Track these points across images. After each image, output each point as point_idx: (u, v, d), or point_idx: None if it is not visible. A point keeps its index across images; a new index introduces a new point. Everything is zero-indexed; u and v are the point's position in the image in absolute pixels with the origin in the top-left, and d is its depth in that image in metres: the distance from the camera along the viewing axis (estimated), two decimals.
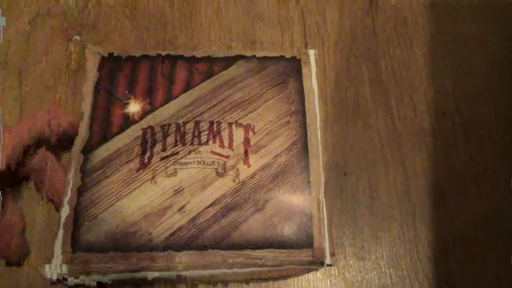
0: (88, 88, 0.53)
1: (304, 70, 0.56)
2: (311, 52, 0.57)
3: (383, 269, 0.52)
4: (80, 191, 0.48)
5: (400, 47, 0.63)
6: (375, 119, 0.59)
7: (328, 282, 0.51)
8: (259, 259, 0.46)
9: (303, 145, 0.52)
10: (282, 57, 0.56)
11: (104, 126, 0.51)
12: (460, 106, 0.60)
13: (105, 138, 0.50)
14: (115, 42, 0.62)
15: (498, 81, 0.62)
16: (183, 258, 0.46)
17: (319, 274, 0.52)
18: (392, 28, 0.64)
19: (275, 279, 0.51)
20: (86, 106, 0.52)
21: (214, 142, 0.51)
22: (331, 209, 0.53)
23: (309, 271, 0.50)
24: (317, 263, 0.48)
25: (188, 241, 0.47)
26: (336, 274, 0.52)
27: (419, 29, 0.65)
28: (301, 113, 0.54)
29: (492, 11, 0.67)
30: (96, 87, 0.53)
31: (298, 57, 0.57)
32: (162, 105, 0.52)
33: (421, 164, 0.57)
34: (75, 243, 0.46)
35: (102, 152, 0.50)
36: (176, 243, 0.47)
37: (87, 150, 0.50)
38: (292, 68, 0.56)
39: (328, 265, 0.48)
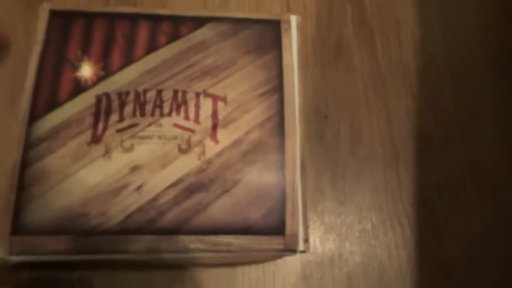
0: (34, 48, 0.37)
1: (284, 39, 0.40)
2: (293, 18, 0.40)
3: (364, 213, 0.41)
4: (23, 165, 0.35)
5: None
6: (358, 60, 0.46)
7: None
8: (224, 245, 0.35)
9: (278, 122, 0.38)
10: (259, 20, 0.41)
11: (52, 92, 0.36)
12: (449, 48, 0.47)
13: (53, 105, 0.36)
14: None
15: (488, 22, 0.49)
16: (140, 243, 0.34)
17: None
18: None
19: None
20: (31, 69, 0.37)
21: (178, 114, 0.37)
22: (310, 153, 0.42)
23: (279, 257, 0.38)
24: (289, 251, 0.36)
25: (146, 224, 0.35)
26: (315, 219, 0.41)
27: None
28: (279, 87, 0.39)
29: None
30: (44, 47, 0.38)
31: (277, 18, 0.41)
32: (120, 69, 0.37)
33: (405, 108, 0.44)
34: (16, 226, 0.34)
35: (48, 122, 0.36)
36: (132, 227, 0.35)
37: (31, 118, 0.36)
38: (271, 33, 0.41)
39: (301, 251, 0.36)
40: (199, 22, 0.39)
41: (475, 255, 0.41)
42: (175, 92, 0.37)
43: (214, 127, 0.36)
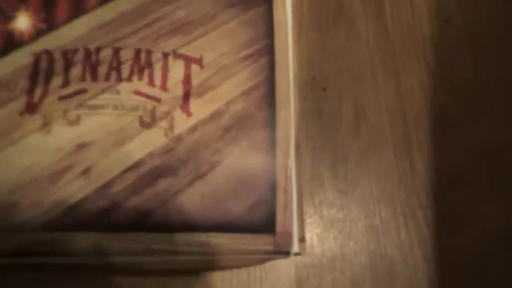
0: None
1: None
2: None
3: (371, 205, 0.35)
4: None
5: None
6: (363, 23, 0.39)
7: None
8: (197, 246, 0.28)
9: (268, 91, 0.30)
10: None
11: None
12: (467, 13, 0.41)
13: None
14: None
15: None
16: (85, 242, 0.27)
17: None
18: None
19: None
20: None
21: (140, 78, 0.29)
22: (306, 134, 0.36)
23: (268, 260, 0.31)
24: (280, 253, 0.28)
25: (93, 218, 0.27)
26: (312, 212, 0.35)
27: None
28: (269, 48, 0.31)
29: None
30: None
31: None
32: (66, 22, 0.29)
33: (418, 80, 0.38)
34: None
35: None
36: (76, 221, 0.27)
37: None
38: None
39: (295, 253, 0.29)
40: None
41: (500, 255, 0.35)
42: (137, 52, 0.29)
43: (186, 95, 0.29)
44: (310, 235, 0.35)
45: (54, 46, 0.29)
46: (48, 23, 0.29)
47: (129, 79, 0.28)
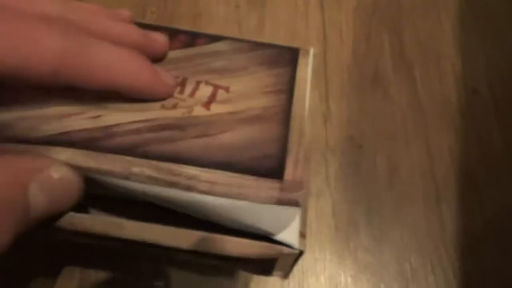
0: None
1: (301, 59, 0.36)
2: (311, 50, 0.36)
3: (401, 252, 0.37)
4: None
5: (426, 18, 0.47)
6: (396, 90, 0.43)
7: (338, 263, 0.37)
8: (185, 178, 0.24)
9: (284, 111, 0.31)
10: (278, 45, 0.37)
11: None
12: (493, 83, 0.44)
13: None
14: None
15: None
16: (61, 156, 0.25)
17: (324, 253, 0.37)
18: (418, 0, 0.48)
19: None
20: None
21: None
22: (344, 185, 0.38)
23: (267, 259, 0.25)
24: (288, 202, 0.25)
25: (85, 140, 0.26)
26: (347, 255, 0.37)
27: (449, 3, 0.48)
28: (289, 90, 0.33)
29: None
30: None
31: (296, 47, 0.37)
32: None
33: (447, 144, 0.41)
34: None
35: None
36: (66, 140, 0.26)
37: None
38: (288, 54, 0.36)
39: (298, 251, 0.24)
40: (217, 37, 0.36)
41: None
42: (176, 77, 0.32)
43: (209, 101, 0.31)
44: (345, 276, 0.37)
45: None
46: None
47: None
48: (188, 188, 0.24)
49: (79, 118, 0.27)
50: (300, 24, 0.46)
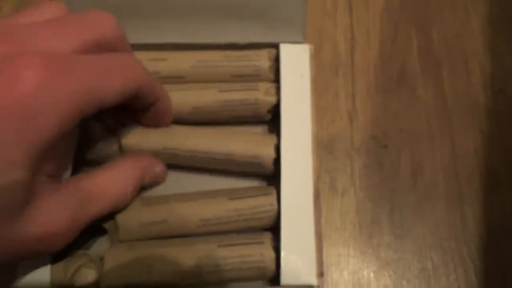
0: None
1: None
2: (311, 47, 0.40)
3: (423, 251, 0.38)
4: None
5: (454, 16, 0.47)
6: (423, 91, 0.43)
7: (361, 259, 0.38)
8: None
9: None
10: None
11: None
12: None
13: None
14: None
15: None
16: None
17: (348, 249, 0.38)
18: None
19: None
20: None
21: None
22: (368, 183, 0.40)
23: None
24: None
25: None
26: (370, 252, 0.38)
27: (477, 1, 0.48)
28: None
29: None
30: None
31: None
32: None
33: (472, 144, 0.42)
34: None
35: None
36: None
37: None
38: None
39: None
40: None
41: None
42: None
43: None
44: (367, 272, 0.38)
45: None
46: None
47: None
48: None
49: None
50: (328, 24, 0.47)
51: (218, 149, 0.34)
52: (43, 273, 0.30)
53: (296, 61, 0.38)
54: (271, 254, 0.31)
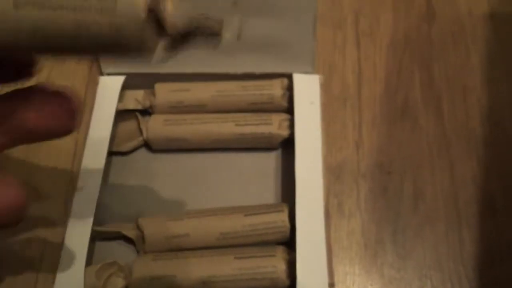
0: None
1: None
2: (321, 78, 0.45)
3: (423, 270, 0.41)
4: None
5: (455, 52, 0.51)
6: (424, 121, 0.47)
7: (366, 277, 0.41)
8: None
9: None
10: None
11: None
12: None
13: None
14: None
15: None
16: None
17: (354, 267, 0.41)
18: (449, 35, 0.52)
19: None
20: None
21: None
22: (373, 207, 0.43)
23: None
24: None
25: None
26: (374, 270, 0.41)
27: (477, 39, 0.52)
28: None
29: None
30: None
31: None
32: None
33: (471, 172, 0.45)
34: None
35: None
36: None
37: None
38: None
39: None
40: None
41: None
42: None
43: None
44: None
45: None
46: None
47: None
48: None
49: None
50: (338, 58, 0.50)
51: None
52: (77, 280, 0.33)
53: (308, 89, 0.42)
54: (283, 266, 0.35)
